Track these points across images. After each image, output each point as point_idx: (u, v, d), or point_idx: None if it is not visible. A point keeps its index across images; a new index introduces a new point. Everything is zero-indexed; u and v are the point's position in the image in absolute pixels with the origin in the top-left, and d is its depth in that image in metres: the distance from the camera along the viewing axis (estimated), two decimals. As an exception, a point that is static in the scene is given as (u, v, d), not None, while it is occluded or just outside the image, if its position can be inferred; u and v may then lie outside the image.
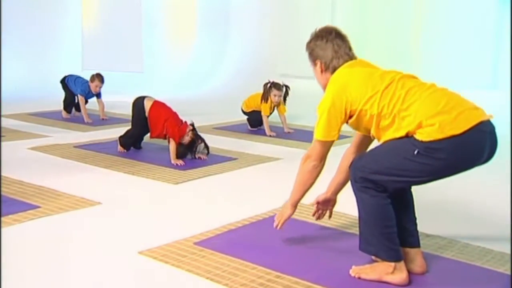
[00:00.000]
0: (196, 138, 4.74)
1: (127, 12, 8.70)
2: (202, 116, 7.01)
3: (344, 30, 2.64)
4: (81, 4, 9.21)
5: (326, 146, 2.50)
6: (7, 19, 8.71)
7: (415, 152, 2.27)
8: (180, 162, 4.54)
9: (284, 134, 5.97)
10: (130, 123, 6.50)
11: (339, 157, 2.77)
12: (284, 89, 5.98)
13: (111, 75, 9.15)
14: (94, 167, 4.45)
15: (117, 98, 8.40)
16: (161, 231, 3.07)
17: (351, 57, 2.57)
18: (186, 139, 4.71)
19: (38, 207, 3.38)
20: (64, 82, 6.75)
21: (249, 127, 6.24)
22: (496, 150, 2.36)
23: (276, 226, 2.79)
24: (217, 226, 3.12)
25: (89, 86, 6.62)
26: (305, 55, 2.66)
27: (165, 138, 4.78)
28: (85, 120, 6.53)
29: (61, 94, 6.85)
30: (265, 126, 5.99)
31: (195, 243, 2.87)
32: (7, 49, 8.73)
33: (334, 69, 2.55)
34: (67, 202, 3.50)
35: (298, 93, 8.31)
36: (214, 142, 5.50)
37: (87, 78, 6.74)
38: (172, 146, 4.64)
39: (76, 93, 6.64)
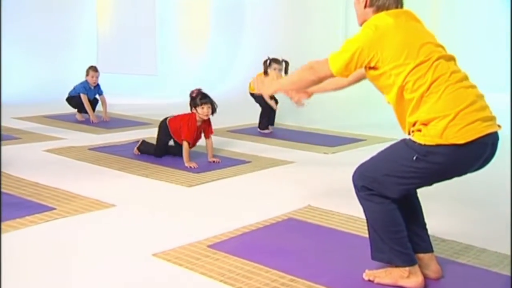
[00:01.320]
0: (208, 101, 4.65)
1: (141, 15, 8.74)
2: (215, 118, 6.99)
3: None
4: (96, 8, 9.26)
5: (333, 76, 2.41)
6: (22, 22, 8.78)
7: (414, 158, 2.24)
8: (193, 164, 4.54)
9: (298, 136, 5.94)
10: (144, 126, 6.51)
11: (346, 164, 2.73)
12: (283, 64, 6.00)
13: (125, 78, 9.22)
14: (108, 169, 4.46)
15: (131, 101, 8.43)
16: (175, 234, 3.06)
17: (398, 2, 2.40)
18: (205, 114, 4.65)
19: (54, 209, 3.39)
20: (69, 98, 6.80)
21: (259, 129, 6.21)
22: (492, 159, 2.33)
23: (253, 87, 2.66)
24: (231, 229, 3.11)
25: (87, 83, 6.68)
26: (318, 58, 2.60)
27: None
28: (91, 119, 6.59)
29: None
30: (266, 97, 6.03)
31: (209, 246, 2.86)
32: (22, 52, 8.80)
33: (379, 8, 2.38)
34: (82, 204, 3.50)
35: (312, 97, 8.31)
36: (227, 145, 5.49)
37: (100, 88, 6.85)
38: (185, 148, 4.63)
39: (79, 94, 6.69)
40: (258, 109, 6.32)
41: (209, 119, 4.79)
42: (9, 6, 8.68)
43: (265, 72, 6.08)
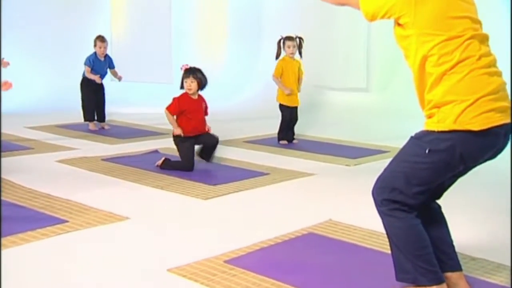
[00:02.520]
0: (190, 75, 4.81)
1: (157, 23, 8.79)
2: (232, 129, 7.01)
3: (380, 44, 2.52)
4: (110, 15, 9.35)
5: (358, 8, 2.35)
6: (35, 29, 8.89)
7: (427, 151, 2.22)
8: (179, 131, 4.74)
9: (318, 148, 5.92)
10: (159, 136, 6.53)
11: (368, 176, 2.69)
12: (297, 40, 6.04)
13: (140, 86, 9.28)
14: (122, 180, 4.48)
15: (146, 110, 8.48)
16: (190, 248, 3.06)
17: None
18: (188, 88, 4.81)
19: (66, 221, 3.42)
20: (82, 82, 6.82)
21: (278, 140, 6.18)
22: (503, 150, 2.31)
23: None
24: (249, 244, 3.10)
25: (95, 54, 6.72)
26: (339, 67, 2.57)
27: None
28: (96, 80, 6.61)
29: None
30: (280, 85, 6.08)
31: (226, 261, 2.85)
32: (33, 60, 8.90)
33: None
34: (95, 217, 3.53)
35: (332, 105, 8.28)
36: (245, 156, 5.49)
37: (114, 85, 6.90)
38: (168, 116, 4.84)
39: (85, 74, 6.73)
40: (277, 118, 6.32)
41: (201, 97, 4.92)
42: (21, 13, 8.81)
43: (278, 54, 6.09)
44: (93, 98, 6.78)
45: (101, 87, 6.83)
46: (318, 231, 3.35)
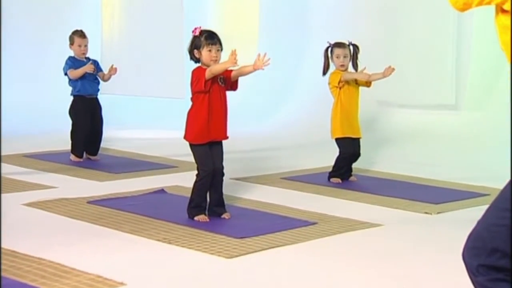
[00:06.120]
0: (217, 41, 4.77)
1: (164, 21, 8.89)
2: (265, 160, 7.03)
3: (475, 46, 2.51)
4: (101, 9, 9.51)
5: None
6: (14, 35, 9.14)
7: None
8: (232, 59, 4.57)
9: (387, 188, 5.89)
10: (167, 169, 6.54)
11: (457, 229, 2.65)
12: (350, 48, 6.07)
13: (141, 103, 9.37)
14: (115, 231, 4.51)
15: (149, 134, 8.55)
16: (208, 328, 3.06)
17: None
18: (214, 59, 4.74)
19: (37, 288, 3.43)
20: (72, 105, 6.96)
21: (329, 177, 6.14)
22: None
23: None
24: (290, 323, 3.09)
25: (73, 59, 6.84)
26: (415, 76, 2.56)
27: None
28: (88, 70, 6.75)
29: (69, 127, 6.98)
30: (358, 76, 6.06)
31: None
32: (8, 69, 9.11)
33: None
34: (77, 283, 3.53)
35: (405, 129, 8.23)
36: (284, 198, 5.49)
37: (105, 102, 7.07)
38: (211, 68, 4.72)
39: (72, 86, 6.87)
40: (326, 146, 6.31)
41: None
42: None
43: (326, 67, 6.08)
44: (87, 123, 6.86)
45: (97, 107, 6.95)
46: (387, 306, 3.32)
